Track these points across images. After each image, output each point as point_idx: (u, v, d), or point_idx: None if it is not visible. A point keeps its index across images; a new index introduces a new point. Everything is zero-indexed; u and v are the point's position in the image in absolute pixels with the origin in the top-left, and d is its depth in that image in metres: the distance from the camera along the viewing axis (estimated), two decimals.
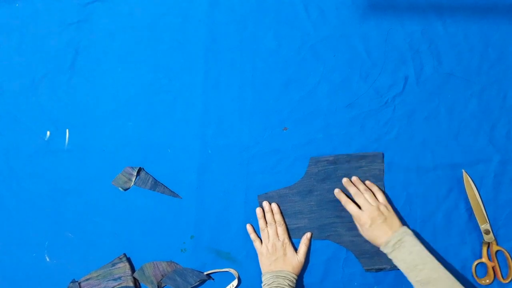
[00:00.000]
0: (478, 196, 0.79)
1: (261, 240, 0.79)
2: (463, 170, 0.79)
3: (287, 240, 0.78)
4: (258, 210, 0.80)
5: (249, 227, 0.80)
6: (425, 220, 0.79)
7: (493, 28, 0.83)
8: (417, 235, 0.79)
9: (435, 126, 0.81)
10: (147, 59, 0.84)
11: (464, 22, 0.83)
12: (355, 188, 0.78)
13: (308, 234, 0.79)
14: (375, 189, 0.78)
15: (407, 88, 0.82)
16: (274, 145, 0.82)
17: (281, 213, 0.80)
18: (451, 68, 0.82)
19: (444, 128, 0.81)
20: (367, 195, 0.76)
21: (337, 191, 0.79)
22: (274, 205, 0.80)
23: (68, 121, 0.83)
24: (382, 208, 0.74)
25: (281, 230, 0.78)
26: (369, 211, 0.74)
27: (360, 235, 0.78)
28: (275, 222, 0.79)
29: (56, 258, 0.80)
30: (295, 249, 0.78)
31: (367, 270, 0.78)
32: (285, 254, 0.77)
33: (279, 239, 0.78)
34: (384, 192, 0.80)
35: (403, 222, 0.79)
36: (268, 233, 0.78)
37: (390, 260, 0.76)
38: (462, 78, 0.82)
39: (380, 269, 0.78)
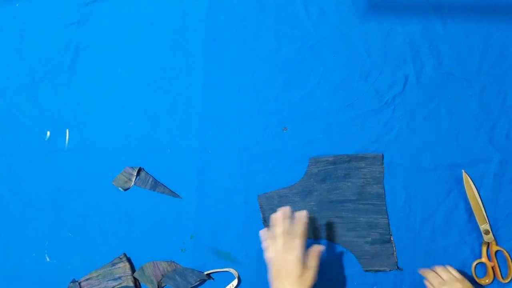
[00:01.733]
0: (478, 196, 0.79)
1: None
2: (463, 170, 0.79)
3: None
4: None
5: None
6: (425, 220, 0.79)
7: (493, 28, 0.83)
8: (417, 235, 0.79)
9: (435, 126, 0.81)
10: (147, 59, 0.84)
11: (464, 22, 0.83)
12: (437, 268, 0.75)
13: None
14: (450, 268, 0.74)
15: (407, 88, 0.82)
16: (274, 145, 0.82)
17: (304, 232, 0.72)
18: (451, 68, 0.82)
19: (444, 128, 0.81)
20: (450, 268, 0.73)
21: (422, 270, 0.75)
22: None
23: (68, 121, 0.83)
24: (467, 284, 0.71)
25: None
26: (453, 284, 0.70)
27: (360, 236, 0.78)
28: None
29: (56, 258, 0.81)
30: None
31: (366, 271, 0.78)
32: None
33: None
34: (384, 195, 0.80)
35: (403, 222, 0.79)
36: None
37: (390, 263, 0.76)
38: (462, 78, 0.82)
39: (380, 270, 0.78)
